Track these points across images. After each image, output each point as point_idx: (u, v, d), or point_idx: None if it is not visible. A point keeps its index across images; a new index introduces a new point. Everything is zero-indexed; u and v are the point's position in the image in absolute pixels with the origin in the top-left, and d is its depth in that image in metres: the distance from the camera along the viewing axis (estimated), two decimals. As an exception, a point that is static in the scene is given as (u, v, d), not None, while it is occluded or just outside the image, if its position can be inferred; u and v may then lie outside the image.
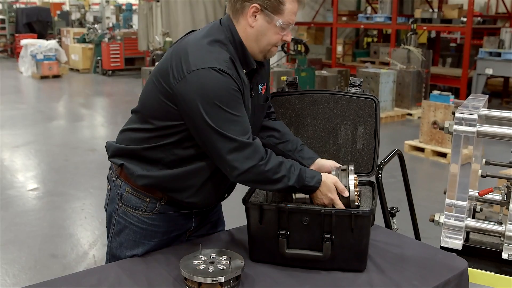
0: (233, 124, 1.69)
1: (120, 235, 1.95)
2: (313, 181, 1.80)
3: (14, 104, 10.24)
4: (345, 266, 1.79)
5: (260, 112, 2.00)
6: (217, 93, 1.67)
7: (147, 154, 1.85)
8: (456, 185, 2.04)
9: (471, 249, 2.15)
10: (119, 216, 1.94)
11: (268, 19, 1.76)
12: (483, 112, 2.11)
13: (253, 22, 1.77)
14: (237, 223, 2.14)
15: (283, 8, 1.75)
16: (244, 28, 1.79)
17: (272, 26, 1.77)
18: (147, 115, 1.83)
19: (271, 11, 1.74)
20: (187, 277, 1.64)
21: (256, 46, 1.81)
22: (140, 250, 1.92)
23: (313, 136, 2.12)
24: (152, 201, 1.90)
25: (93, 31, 15.42)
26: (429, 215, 2.19)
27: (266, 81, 2.00)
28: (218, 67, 1.68)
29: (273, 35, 1.79)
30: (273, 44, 1.82)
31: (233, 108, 1.69)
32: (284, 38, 1.82)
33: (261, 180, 1.75)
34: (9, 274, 3.67)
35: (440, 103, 6.68)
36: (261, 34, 1.78)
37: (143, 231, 1.92)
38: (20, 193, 5.38)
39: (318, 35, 13.90)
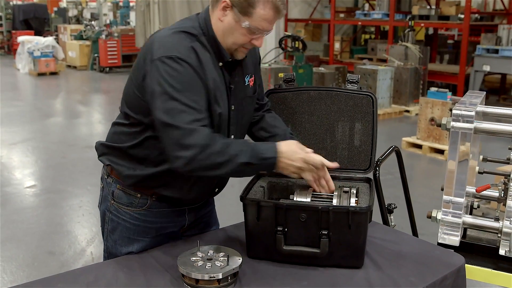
0: (183, 113, 1.66)
1: (114, 233, 1.95)
2: (269, 152, 1.74)
3: (11, 101, 10.22)
4: (342, 263, 1.79)
5: (249, 104, 1.98)
6: (171, 81, 1.66)
7: (133, 153, 1.86)
8: (453, 182, 2.04)
9: (468, 245, 2.16)
10: (112, 214, 1.95)
11: (236, 18, 1.71)
12: (481, 108, 2.11)
13: (222, 16, 1.74)
14: (235, 220, 2.14)
15: (252, 12, 1.69)
16: (216, 20, 1.77)
17: (239, 26, 1.72)
18: (128, 110, 1.85)
19: (240, 10, 1.70)
20: (185, 274, 1.64)
21: (223, 41, 1.78)
22: (135, 247, 1.92)
23: (311, 133, 2.11)
24: (143, 197, 1.90)
25: (90, 28, 15.39)
26: (426, 212, 2.19)
27: (254, 73, 1.99)
28: (176, 55, 1.67)
29: (240, 36, 1.75)
30: (240, 44, 1.77)
31: (186, 97, 1.67)
32: (253, 42, 1.77)
33: (209, 166, 1.68)
34: (6, 272, 3.67)
35: (437, 100, 6.69)
36: (228, 31, 1.75)
37: (136, 227, 1.92)
38: (18, 191, 5.38)
39: (315, 32, 13.89)
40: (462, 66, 9.55)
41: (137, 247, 1.93)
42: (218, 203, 2.21)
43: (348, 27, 14.37)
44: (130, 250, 1.92)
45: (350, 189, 1.96)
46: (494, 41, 9.34)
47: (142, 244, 1.93)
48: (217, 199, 2.15)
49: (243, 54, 1.83)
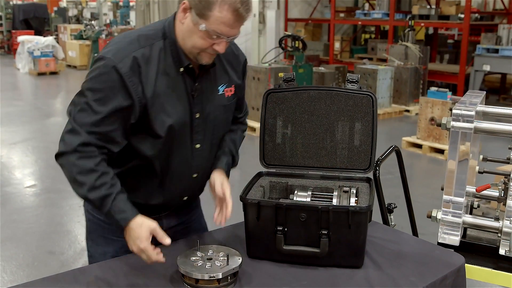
0: (86, 113, 1.66)
1: (92, 233, 1.95)
2: (120, 215, 1.67)
3: (11, 101, 10.22)
4: (342, 262, 1.79)
5: (222, 113, 1.91)
6: (94, 81, 1.66)
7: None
8: (453, 182, 2.04)
9: (468, 245, 2.16)
10: (89, 213, 1.94)
11: (194, 20, 1.64)
12: (481, 108, 2.11)
13: (182, 19, 1.69)
14: (235, 220, 2.13)
15: (209, 14, 1.61)
16: (178, 23, 1.72)
17: (197, 29, 1.65)
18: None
19: (197, 13, 1.62)
20: (185, 274, 1.64)
21: (184, 45, 1.72)
22: (111, 247, 1.90)
23: (310, 133, 2.11)
24: None
25: (90, 28, 15.39)
26: (426, 211, 2.19)
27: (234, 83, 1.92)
28: (112, 59, 1.65)
29: (198, 39, 1.66)
30: (199, 48, 1.69)
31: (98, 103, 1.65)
32: (215, 47, 1.68)
33: (68, 172, 1.68)
34: (6, 271, 3.67)
35: (437, 99, 6.69)
36: (187, 34, 1.69)
37: (112, 226, 1.87)
38: (18, 190, 5.38)
39: (315, 31, 13.89)
40: (462, 65, 9.55)
41: (113, 247, 1.90)
42: (218, 203, 2.20)
43: (348, 27, 14.37)
44: (107, 250, 1.90)
45: (350, 189, 1.96)
46: (494, 41, 9.35)
47: (118, 243, 1.88)
48: (217, 199, 2.14)
49: (207, 59, 1.74)
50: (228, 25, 1.63)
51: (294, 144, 2.12)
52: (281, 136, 2.13)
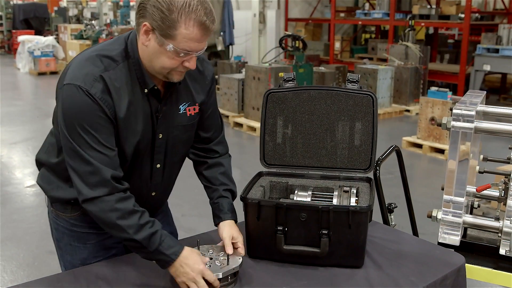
0: (92, 149, 1.59)
1: (60, 241, 1.91)
2: (170, 250, 1.62)
3: (12, 101, 10.22)
4: (342, 262, 1.79)
5: (182, 133, 1.85)
6: (78, 115, 1.58)
7: (61, 169, 1.78)
8: (453, 181, 2.04)
9: (469, 245, 2.16)
10: (54, 222, 1.91)
11: (159, 42, 1.57)
12: (481, 108, 2.11)
13: (146, 41, 1.60)
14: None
15: (175, 33, 1.54)
16: (141, 45, 1.64)
17: (164, 50, 1.58)
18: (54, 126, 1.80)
19: (161, 33, 1.55)
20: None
21: (150, 67, 1.66)
22: (78, 255, 1.87)
23: (311, 133, 2.11)
24: (77, 203, 1.76)
25: (90, 28, 15.37)
26: (426, 211, 2.19)
27: (199, 101, 1.86)
28: (82, 86, 1.58)
29: (167, 60, 1.60)
30: (169, 68, 1.63)
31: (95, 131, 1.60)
32: (186, 65, 1.63)
33: (104, 218, 1.60)
34: (7, 271, 3.67)
35: (438, 99, 6.69)
36: (154, 56, 1.61)
37: (76, 233, 1.86)
38: (18, 190, 5.38)
39: (316, 31, 13.89)
40: (463, 65, 9.55)
41: (81, 254, 1.86)
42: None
43: (348, 27, 14.37)
44: (76, 257, 1.87)
45: (350, 189, 1.96)
46: (494, 41, 9.34)
47: (86, 251, 1.86)
48: (217, 199, 2.14)
49: (179, 76, 1.68)
50: (196, 40, 1.57)
51: (295, 144, 2.12)
52: (282, 136, 2.13)
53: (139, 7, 1.58)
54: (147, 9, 1.55)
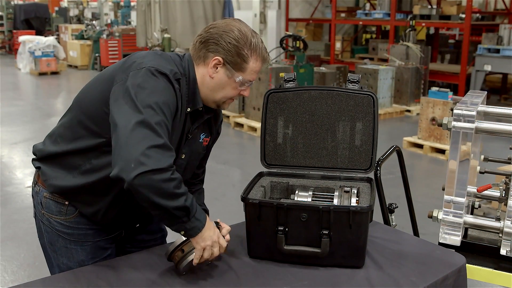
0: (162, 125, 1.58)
1: (53, 244, 1.88)
2: (201, 216, 1.66)
3: (12, 101, 10.23)
4: (343, 263, 1.79)
5: (195, 159, 1.94)
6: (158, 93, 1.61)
7: (67, 159, 1.79)
8: (454, 182, 2.04)
9: (469, 245, 2.15)
10: (45, 225, 1.88)
11: (229, 74, 1.75)
12: (482, 108, 2.11)
13: (213, 73, 1.75)
14: (236, 220, 2.14)
15: (246, 66, 1.75)
16: (203, 76, 1.77)
17: (232, 81, 1.76)
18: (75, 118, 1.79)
19: (233, 67, 1.74)
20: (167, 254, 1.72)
21: (211, 95, 1.79)
22: (76, 257, 1.86)
23: (312, 133, 2.11)
24: (71, 205, 1.83)
25: (91, 28, 15.39)
26: (427, 212, 2.19)
27: (212, 135, 1.96)
28: (170, 77, 1.65)
29: (231, 90, 1.79)
30: (229, 97, 1.81)
31: (165, 113, 1.61)
32: (242, 93, 1.82)
33: (160, 189, 1.53)
34: (7, 271, 3.67)
35: (438, 99, 6.68)
36: (219, 87, 1.77)
37: (72, 236, 1.86)
38: (19, 190, 5.38)
39: (316, 31, 13.89)
40: (463, 65, 9.54)
41: (78, 257, 1.86)
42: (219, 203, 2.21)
43: (349, 27, 14.37)
44: (72, 260, 1.86)
45: (351, 189, 1.96)
46: (495, 41, 9.33)
47: (82, 252, 1.86)
48: (218, 199, 2.15)
49: (228, 105, 1.87)
50: (257, 72, 1.80)
51: (295, 144, 2.12)
52: (282, 136, 2.13)
53: (208, 42, 1.74)
54: (220, 45, 1.72)
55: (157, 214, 1.61)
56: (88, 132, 1.75)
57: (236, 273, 1.75)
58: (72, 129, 1.80)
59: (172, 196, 1.54)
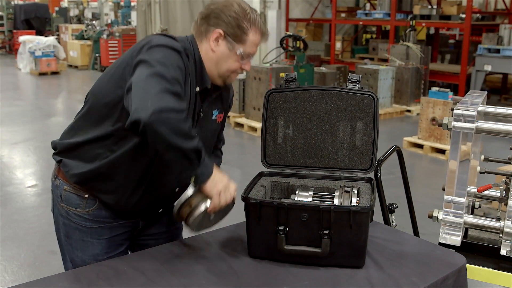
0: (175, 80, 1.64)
1: (70, 237, 1.92)
2: (210, 161, 1.69)
3: (13, 101, 10.23)
4: (343, 263, 1.79)
5: (211, 136, 2.01)
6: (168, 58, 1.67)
7: (87, 149, 1.83)
8: (454, 182, 2.04)
9: (470, 245, 2.16)
10: (64, 217, 1.91)
11: (230, 46, 1.81)
12: (482, 108, 2.11)
13: (215, 47, 1.82)
14: (236, 220, 2.14)
15: (246, 38, 1.81)
16: (206, 51, 1.84)
17: (233, 54, 1.82)
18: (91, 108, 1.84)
19: (234, 39, 1.81)
20: (174, 213, 1.74)
21: (215, 70, 1.85)
22: (90, 249, 1.89)
23: (312, 133, 2.11)
24: (91, 197, 1.87)
25: (91, 28, 15.40)
26: (427, 212, 2.19)
27: (224, 110, 2.03)
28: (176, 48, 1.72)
29: (233, 63, 1.84)
30: (232, 71, 1.87)
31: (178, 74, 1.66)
32: (243, 67, 1.87)
33: (177, 127, 1.54)
34: (8, 271, 3.67)
35: (439, 99, 6.68)
36: (222, 60, 1.83)
37: (89, 229, 1.89)
38: (19, 190, 5.38)
39: (316, 31, 13.89)
40: (464, 65, 9.54)
41: (93, 250, 1.89)
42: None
43: (349, 27, 14.37)
44: (87, 254, 1.89)
45: (352, 189, 1.96)
46: (495, 41, 9.33)
47: (98, 246, 1.90)
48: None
49: (235, 78, 1.93)
50: (256, 45, 1.86)
51: (296, 144, 2.13)
52: (283, 136, 2.13)
53: (209, 17, 1.82)
54: (221, 18, 1.80)
55: (171, 157, 1.62)
56: (106, 119, 1.79)
57: (236, 273, 1.75)
58: (90, 119, 1.84)
59: (187, 136, 1.57)
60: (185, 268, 1.77)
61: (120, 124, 1.76)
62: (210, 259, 1.83)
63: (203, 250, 1.91)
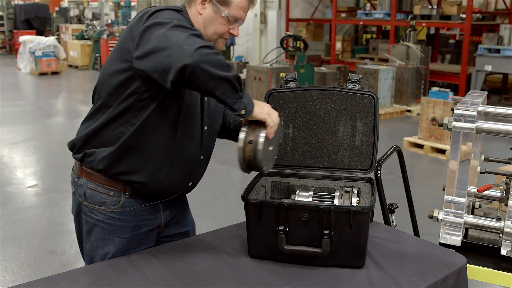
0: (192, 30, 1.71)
1: (91, 234, 1.93)
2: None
3: (13, 101, 10.23)
4: (344, 263, 1.79)
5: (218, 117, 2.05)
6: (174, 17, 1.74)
7: (109, 131, 1.83)
8: (455, 182, 2.04)
9: (470, 245, 2.15)
10: (86, 215, 1.93)
11: (215, 9, 1.85)
12: (482, 108, 2.11)
13: (201, 10, 1.87)
14: (236, 220, 2.14)
15: (230, 1, 1.84)
16: (194, 15, 1.88)
17: (218, 16, 1.86)
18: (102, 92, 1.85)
19: (219, 1, 1.84)
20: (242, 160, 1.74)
21: (203, 33, 1.83)
22: (111, 247, 1.90)
23: (312, 133, 2.11)
24: (116, 194, 1.88)
25: (91, 28, 15.40)
26: (428, 212, 2.19)
27: None
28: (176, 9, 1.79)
29: (219, 26, 1.88)
30: (219, 34, 1.90)
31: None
32: (231, 31, 1.91)
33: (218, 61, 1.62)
34: (8, 271, 3.68)
35: (439, 99, 6.68)
36: (208, 23, 1.87)
37: (112, 227, 1.90)
38: (19, 190, 5.38)
39: (317, 31, 13.89)
40: (464, 65, 9.54)
41: (113, 247, 1.90)
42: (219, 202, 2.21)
43: (349, 27, 14.37)
44: (107, 251, 1.90)
45: (352, 189, 1.96)
46: (495, 41, 9.33)
47: (118, 244, 1.90)
48: (218, 199, 2.15)
49: (222, 44, 1.96)
50: (244, 10, 1.88)
51: (296, 144, 2.13)
52: (283, 136, 2.13)
53: None
54: None
55: (221, 90, 1.65)
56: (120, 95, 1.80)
57: (237, 273, 1.75)
58: (104, 102, 1.85)
59: (228, 66, 1.65)
60: (186, 268, 1.77)
61: (135, 96, 1.78)
62: (211, 259, 1.83)
63: (203, 250, 1.91)
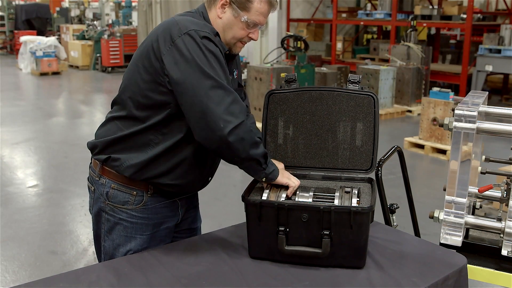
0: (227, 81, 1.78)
1: (112, 233, 1.96)
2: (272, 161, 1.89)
3: (14, 101, 10.24)
4: (344, 263, 1.79)
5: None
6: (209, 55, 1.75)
7: (137, 139, 1.86)
8: (455, 182, 2.04)
9: (471, 245, 2.15)
10: (108, 214, 1.95)
11: (235, 13, 1.87)
12: (483, 108, 2.11)
13: (221, 14, 1.89)
14: (236, 220, 2.14)
15: (250, 6, 1.86)
16: (214, 18, 1.91)
17: (238, 21, 1.88)
18: (132, 100, 1.86)
19: (238, 6, 1.86)
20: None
21: (222, 37, 1.90)
22: (132, 244, 1.93)
23: (312, 133, 2.11)
24: (139, 194, 1.91)
25: (92, 28, 15.40)
26: (428, 212, 2.19)
27: (237, 68, 2.11)
28: (209, 36, 1.78)
29: (239, 30, 1.90)
30: (238, 38, 1.92)
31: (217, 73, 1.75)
32: (251, 36, 1.93)
33: (248, 139, 1.74)
34: (8, 271, 3.68)
35: (439, 100, 6.68)
36: (227, 27, 1.90)
37: (134, 225, 1.94)
38: (20, 190, 5.38)
39: (317, 31, 13.89)
40: (465, 66, 9.54)
41: (134, 245, 1.93)
42: (220, 203, 2.21)
43: (350, 27, 14.36)
44: (128, 248, 1.93)
45: (352, 189, 1.96)
46: (496, 41, 9.33)
47: (139, 241, 1.94)
48: (219, 199, 2.15)
49: (239, 48, 1.98)
50: (264, 15, 1.90)
51: (296, 144, 2.12)
52: (283, 137, 2.13)
53: None
54: None
55: (245, 165, 1.81)
56: (153, 107, 1.83)
57: (237, 274, 1.75)
58: (134, 112, 1.86)
59: (257, 143, 1.75)
60: (186, 268, 1.77)
61: (168, 110, 1.82)
62: (211, 260, 1.83)
63: (203, 250, 1.91)
